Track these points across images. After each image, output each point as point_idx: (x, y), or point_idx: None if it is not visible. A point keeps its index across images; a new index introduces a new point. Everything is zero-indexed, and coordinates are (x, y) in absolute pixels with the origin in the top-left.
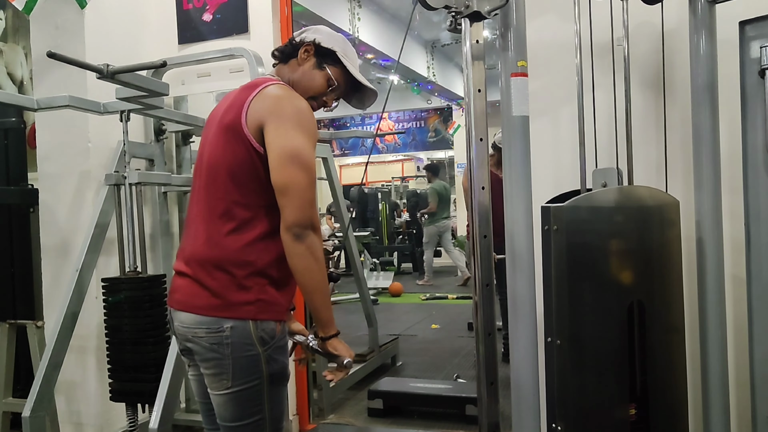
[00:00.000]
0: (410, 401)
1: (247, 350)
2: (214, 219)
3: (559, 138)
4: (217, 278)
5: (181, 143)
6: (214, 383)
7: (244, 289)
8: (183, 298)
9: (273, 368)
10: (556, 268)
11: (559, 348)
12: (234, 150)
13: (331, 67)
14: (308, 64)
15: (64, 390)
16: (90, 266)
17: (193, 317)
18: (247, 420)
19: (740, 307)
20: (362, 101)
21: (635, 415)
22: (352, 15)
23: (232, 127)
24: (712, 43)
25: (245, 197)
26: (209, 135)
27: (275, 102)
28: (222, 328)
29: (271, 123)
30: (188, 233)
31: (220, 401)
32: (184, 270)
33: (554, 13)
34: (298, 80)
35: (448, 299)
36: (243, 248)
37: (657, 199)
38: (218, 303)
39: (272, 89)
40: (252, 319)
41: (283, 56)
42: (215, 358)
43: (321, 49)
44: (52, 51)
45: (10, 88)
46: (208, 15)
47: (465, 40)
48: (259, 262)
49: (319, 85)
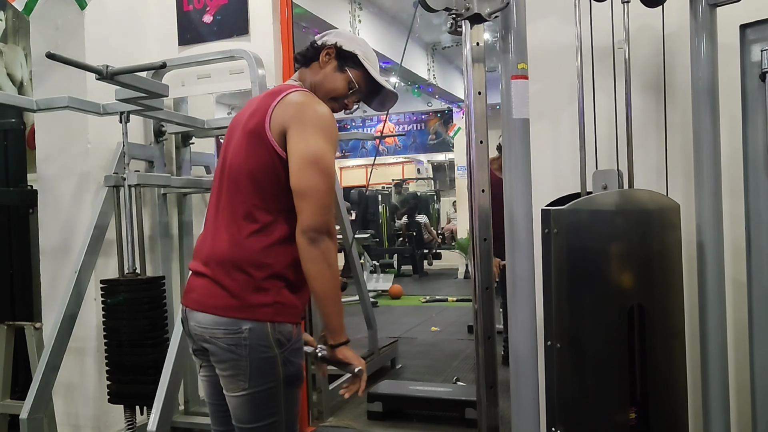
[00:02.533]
0: (410, 404)
1: (264, 352)
2: (236, 221)
3: (559, 141)
4: (236, 279)
5: (180, 145)
6: (231, 384)
7: (262, 290)
8: (200, 298)
9: (289, 370)
10: (556, 271)
11: (559, 351)
12: (257, 154)
13: (352, 69)
14: (330, 66)
15: (63, 392)
16: (89, 268)
17: (211, 318)
18: (263, 422)
19: (741, 311)
20: (383, 104)
21: (635, 419)
22: (353, 17)
23: (256, 131)
24: (713, 46)
25: (266, 201)
26: (233, 139)
27: (298, 108)
28: (240, 329)
29: (293, 128)
30: (207, 234)
31: (236, 403)
32: (202, 270)
33: (555, 16)
34: (320, 83)
35: (448, 302)
36: (263, 250)
37: (657, 202)
38: (236, 304)
39: (295, 96)
40: (270, 321)
41: (305, 60)
42: (232, 359)
43: (342, 52)
44: (51, 52)
45: (10, 89)
46: (208, 16)
47: (465, 43)
48: (277, 265)
49: (340, 87)
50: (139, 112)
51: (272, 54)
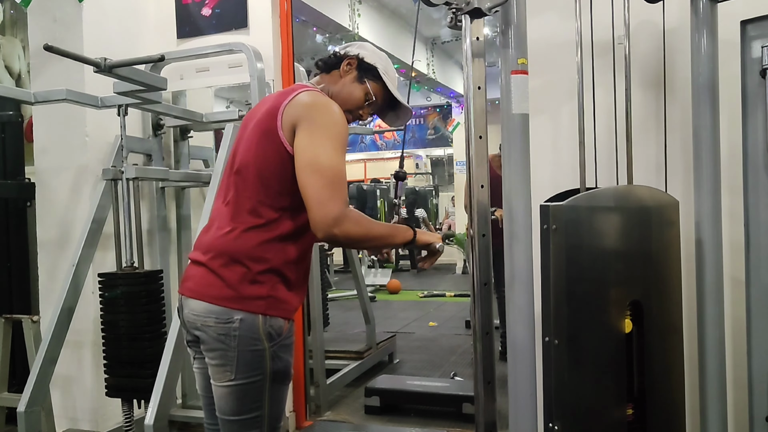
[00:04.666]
0: (407, 399)
1: (253, 344)
2: (240, 215)
3: (558, 136)
4: (234, 270)
5: (179, 138)
6: (218, 374)
7: (257, 283)
8: (195, 286)
9: (277, 365)
10: (554, 267)
11: (556, 347)
12: (266, 151)
13: (371, 82)
14: (349, 77)
15: (60, 385)
16: (86, 261)
17: (204, 305)
18: (245, 415)
19: (739, 309)
20: (397, 118)
21: (632, 415)
22: (352, 11)
23: (267, 128)
24: (714, 42)
25: (272, 198)
26: (244, 134)
27: (308, 107)
28: (231, 319)
29: (302, 127)
30: (211, 225)
31: (221, 393)
32: (200, 259)
33: (555, 11)
34: (338, 92)
35: (445, 297)
36: (262, 244)
37: (656, 199)
38: (231, 294)
39: (307, 95)
40: (261, 314)
41: (326, 66)
42: (221, 348)
43: (363, 64)
44: (49, 44)
45: (8, 82)
46: (207, 9)
47: (465, 37)
48: (275, 260)
49: (357, 98)
50: (138, 106)
51: (271, 48)
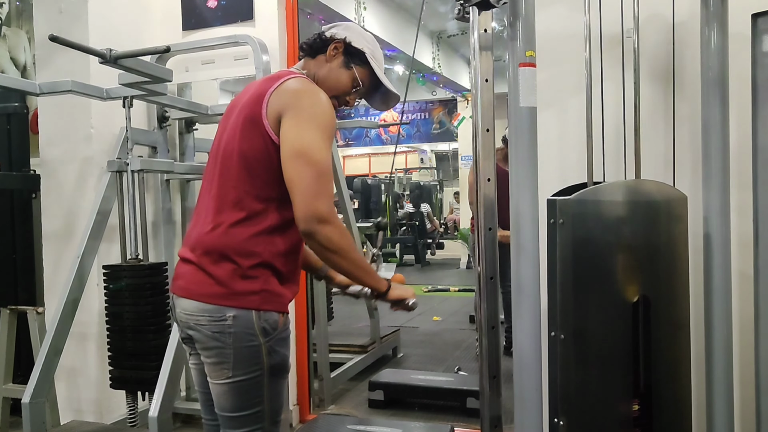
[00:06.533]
0: (411, 393)
1: (249, 340)
2: (225, 208)
3: (566, 130)
4: (223, 267)
5: (184, 130)
6: (215, 372)
7: (249, 278)
8: (186, 285)
9: (274, 360)
10: (561, 262)
11: (562, 342)
12: (251, 140)
13: (358, 67)
14: (336, 62)
15: (65, 377)
16: (91, 253)
17: (197, 304)
18: (246, 411)
19: (747, 305)
20: (384, 102)
21: (638, 410)
22: (358, 4)
23: (252, 116)
24: (724, 35)
25: (257, 188)
26: (228, 123)
27: (295, 95)
28: (225, 316)
29: (287, 115)
30: (197, 220)
31: (219, 391)
32: (189, 257)
33: (564, 4)
34: (324, 78)
35: (450, 291)
36: (250, 239)
37: (664, 193)
38: (222, 291)
39: (293, 82)
40: (255, 309)
41: (311, 50)
42: (217, 346)
43: (350, 48)
44: (54, 35)
45: (13, 73)
46: (212, 1)
47: (473, 30)
48: (265, 253)
49: (344, 84)
50: (143, 97)
51: (277, 40)
